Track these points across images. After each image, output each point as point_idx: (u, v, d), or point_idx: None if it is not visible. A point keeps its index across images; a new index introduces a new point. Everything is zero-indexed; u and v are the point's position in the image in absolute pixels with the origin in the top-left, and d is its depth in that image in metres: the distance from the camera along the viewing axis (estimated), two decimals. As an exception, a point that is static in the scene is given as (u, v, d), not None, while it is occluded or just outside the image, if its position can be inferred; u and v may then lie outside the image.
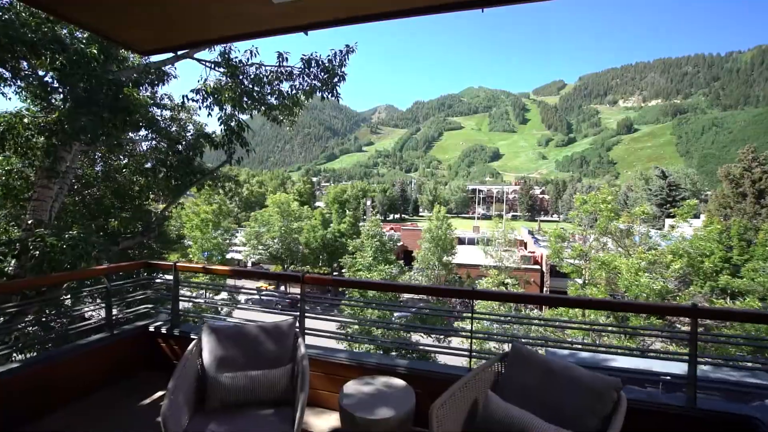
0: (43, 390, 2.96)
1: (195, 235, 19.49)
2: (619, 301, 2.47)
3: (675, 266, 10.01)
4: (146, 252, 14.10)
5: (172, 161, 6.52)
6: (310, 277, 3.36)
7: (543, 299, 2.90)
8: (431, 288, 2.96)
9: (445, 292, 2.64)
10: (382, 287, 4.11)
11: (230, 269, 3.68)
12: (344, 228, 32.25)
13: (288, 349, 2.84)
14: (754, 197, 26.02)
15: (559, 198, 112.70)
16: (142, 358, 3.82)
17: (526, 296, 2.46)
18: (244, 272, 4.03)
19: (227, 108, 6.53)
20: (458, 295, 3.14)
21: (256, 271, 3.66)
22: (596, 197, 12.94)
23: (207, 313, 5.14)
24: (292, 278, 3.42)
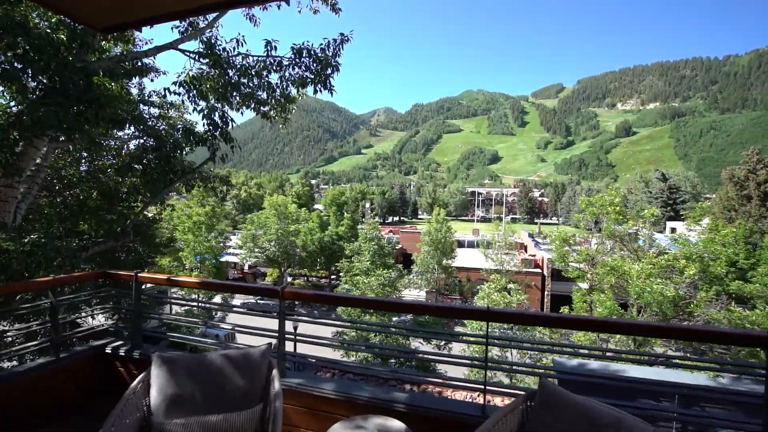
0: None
1: (187, 239, 18.89)
2: (676, 327, 1.97)
3: (689, 272, 9.48)
4: (132, 257, 13.51)
5: (148, 158, 5.95)
6: (290, 292, 2.81)
7: (581, 323, 2.33)
8: (436, 308, 2.42)
9: (453, 312, 2.21)
10: (377, 305, 3.45)
11: (199, 281, 3.12)
12: (342, 231, 31.68)
13: (259, 384, 2.29)
14: (759, 200, 25.56)
15: (558, 201, 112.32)
16: (95, 386, 3.26)
17: (558, 319, 2.01)
18: (215, 285, 3.52)
19: (211, 100, 5.97)
20: (470, 316, 2.60)
21: (229, 284, 3.10)
22: (603, 199, 12.43)
23: (179, 331, 4.42)
24: (269, 292, 2.87)
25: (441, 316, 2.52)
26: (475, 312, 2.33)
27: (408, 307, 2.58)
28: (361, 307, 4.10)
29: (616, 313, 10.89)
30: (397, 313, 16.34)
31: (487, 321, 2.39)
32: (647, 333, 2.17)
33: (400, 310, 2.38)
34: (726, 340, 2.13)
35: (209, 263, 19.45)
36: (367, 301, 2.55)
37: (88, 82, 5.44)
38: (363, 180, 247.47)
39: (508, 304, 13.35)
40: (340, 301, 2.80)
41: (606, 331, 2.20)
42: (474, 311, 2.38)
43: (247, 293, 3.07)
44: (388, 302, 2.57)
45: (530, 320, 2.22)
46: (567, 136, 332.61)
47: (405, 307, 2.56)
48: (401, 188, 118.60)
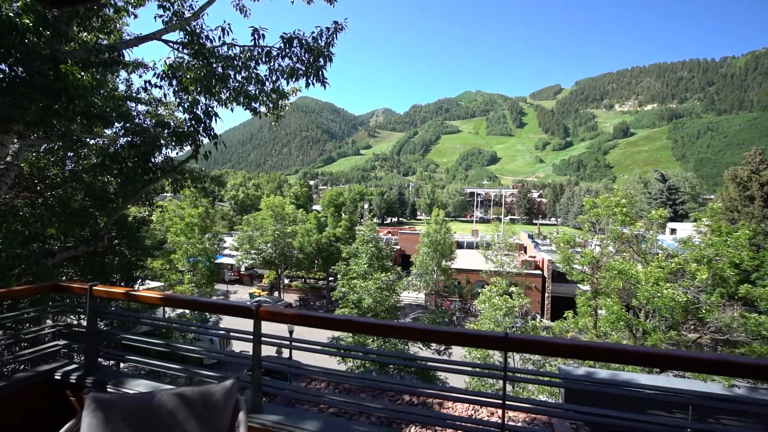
0: None
1: (180, 240, 18.37)
2: (740, 361, 1.56)
3: (702, 276, 9.05)
4: (118, 261, 12.98)
5: (124, 156, 5.47)
6: (266, 311, 2.34)
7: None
8: (438, 333, 1.98)
9: (465, 339, 1.79)
10: (370, 329, 2.55)
11: (161, 297, 2.64)
12: (340, 232, 31.18)
13: (222, 430, 1.83)
14: (762, 200, 25.21)
15: (556, 201, 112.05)
16: (42, 420, 2.78)
17: (597, 349, 1.61)
18: (181, 301, 2.99)
19: (193, 93, 5.49)
20: (483, 344, 2.13)
21: (195, 300, 2.62)
22: (608, 200, 11.99)
23: (150, 352, 3.73)
24: (242, 312, 2.41)
25: (446, 343, 2.12)
26: (490, 340, 1.86)
27: (407, 332, 2.12)
28: (351, 331, 3.41)
29: (623, 318, 10.45)
30: (397, 317, 15.89)
31: (505, 351, 1.93)
32: (702, 367, 1.72)
33: (397, 336, 1.97)
34: None
35: (202, 265, 18.93)
36: (358, 324, 2.09)
37: (56, 72, 4.97)
38: (362, 181, 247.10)
39: (510, 309, 12.90)
40: (325, 324, 2.33)
41: (648, 364, 1.79)
42: (489, 339, 1.90)
43: (218, 312, 2.60)
44: (384, 325, 2.10)
45: (561, 350, 1.75)
46: (565, 137, 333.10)
47: (403, 332, 2.10)
48: (400, 189, 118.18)
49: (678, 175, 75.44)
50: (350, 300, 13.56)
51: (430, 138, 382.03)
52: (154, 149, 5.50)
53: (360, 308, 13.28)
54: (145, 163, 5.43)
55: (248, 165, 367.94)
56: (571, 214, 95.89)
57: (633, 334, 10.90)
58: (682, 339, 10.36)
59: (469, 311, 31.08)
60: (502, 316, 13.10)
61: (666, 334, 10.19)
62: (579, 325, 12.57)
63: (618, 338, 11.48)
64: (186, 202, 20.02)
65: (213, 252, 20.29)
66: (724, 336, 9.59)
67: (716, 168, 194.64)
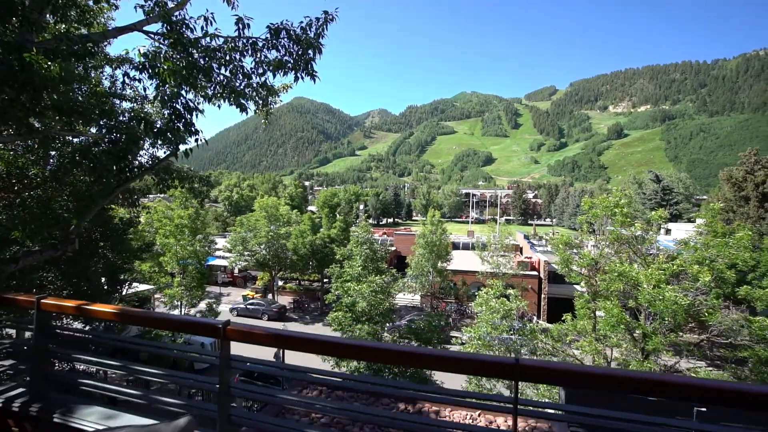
0: None
1: (169, 243, 17.89)
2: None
3: (705, 278, 8.81)
4: (102, 264, 12.52)
5: (96, 153, 5.08)
6: (234, 330, 1.99)
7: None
8: (443, 358, 1.66)
9: (468, 365, 1.56)
10: (356, 353, 2.14)
11: (116, 312, 2.28)
12: (334, 233, 30.78)
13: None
14: (757, 201, 25.20)
15: (551, 202, 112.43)
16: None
17: (625, 379, 1.38)
18: (139, 317, 2.59)
19: (173, 85, 5.12)
20: (490, 372, 1.75)
21: (154, 316, 2.26)
22: (607, 201, 11.74)
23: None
24: (207, 329, 2.06)
25: (445, 370, 1.84)
26: (498, 366, 1.52)
27: (398, 356, 1.79)
28: (335, 356, 3.05)
29: (623, 321, 10.20)
30: (391, 320, 15.53)
31: (516, 380, 1.60)
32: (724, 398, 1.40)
33: (385, 360, 1.68)
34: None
35: (193, 268, 18.45)
36: (343, 347, 1.76)
37: (21, 62, 4.58)
38: (357, 181, 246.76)
39: (508, 311, 12.61)
40: (304, 346, 1.98)
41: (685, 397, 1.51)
42: (496, 365, 1.55)
43: (179, 330, 2.25)
44: (371, 348, 1.77)
45: (589, 380, 1.43)
46: (560, 138, 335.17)
47: (393, 355, 1.76)
48: (395, 190, 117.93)
49: (672, 175, 75.87)
50: (344, 303, 13.20)
51: (426, 139, 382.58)
52: (129, 145, 5.11)
53: (354, 312, 12.92)
54: (121, 160, 5.03)
55: (243, 166, 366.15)
56: (566, 214, 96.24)
57: (633, 337, 10.65)
58: (683, 342, 10.14)
59: (465, 313, 30.81)
60: (500, 318, 12.81)
61: (667, 338, 9.95)
62: (577, 328, 12.31)
63: (617, 341, 11.25)
64: (176, 202, 19.53)
65: (204, 254, 19.83)
66: (727, 340, 9.37)
67: (709, 169, 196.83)
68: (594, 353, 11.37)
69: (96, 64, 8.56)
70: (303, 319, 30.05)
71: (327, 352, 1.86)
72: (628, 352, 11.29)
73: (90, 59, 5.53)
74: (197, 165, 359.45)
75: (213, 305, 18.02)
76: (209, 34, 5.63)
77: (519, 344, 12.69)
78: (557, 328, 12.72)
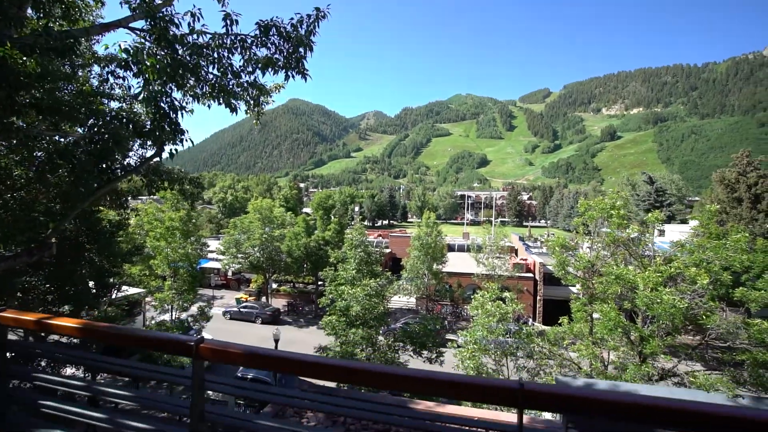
0: None
1: (160, 245, 17.54)
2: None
3: (702, 281, 8.72)
4: (89, 268, 12.19)
5: (77, 154, 4.84)
6: (209, 348, 1.80)
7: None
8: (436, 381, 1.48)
9: (467, 390, 1.45)
10: (342, 374, 1.72)
11: (80, 326, 2.07)
12: (329, 235, 30.52)
13: None
14: (750, 202, 25.37)
15: (546, 204, 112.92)
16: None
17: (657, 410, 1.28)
18: (107, 332, 2.34)
19: (156, 82, 4.91)
20: (490, 398, 1.55)
21: (123, 332, 2.06)
22: (604, 202, 11.66)
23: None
24: (178, 347, 1.87)
25: (439, 395, 1.71)
26: (500, 392, 1.34)
27: (390, 379, 1.60)
28: (320, 378, 2.65)
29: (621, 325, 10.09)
30: (386, 324, 15.33)
31: (520, 408, 1.43)
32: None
33: (373, 384, 1.50)
34: None
35: (184, 271, 18.12)
36: (329, 368, 1.57)
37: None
38: (352, 183, 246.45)
39: (504, 315, 12.45)
40: (284, 365, 1.78)
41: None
42: (497, 390, 1.37)
43: (147, 347, 2.05)
44: (359, 370, 1.58)
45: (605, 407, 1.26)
46: (554, 140, 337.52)
47: (384, 378, 1.58)
48: (391, 191, 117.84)
49: (665, 177, 76.57)
50: (338, 307, 12.98)
51: (421, 141, 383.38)
52: (112, 146, 4.88)
53: (348, 316, 12.71)
54: (102, 161, 4.80)
55: (238, 167, 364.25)
56: (561, 216, 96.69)
57: (630, 340, 10.55)
58: (681, 346, 10.06)
59: (460, 315, 30.67)
60: (496, 322, 12.65)
61: (664, 341, 9.85)
62: (574, 331, 12.19)
63: (615, 345, 11.14)
64: (167, 204, 19.19)
65: (195, 257, 19.49)
66: (725, 343, 9.29)
67: (700, 170, 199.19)
68: (591, 357, 11.24)
69: (84, 62, 8.33)
70: (297, 322, 29.73)
71: (309, 373, 1.67)
72: (626, 355, 11.19)
73: (72, 56, 5.28)
74: (191, 166, 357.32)
75: (205, 309, 17.68)
76: (196, 30, 5.43)
77: (515, 347, 12.54)
78: (554, 331, 12.60)
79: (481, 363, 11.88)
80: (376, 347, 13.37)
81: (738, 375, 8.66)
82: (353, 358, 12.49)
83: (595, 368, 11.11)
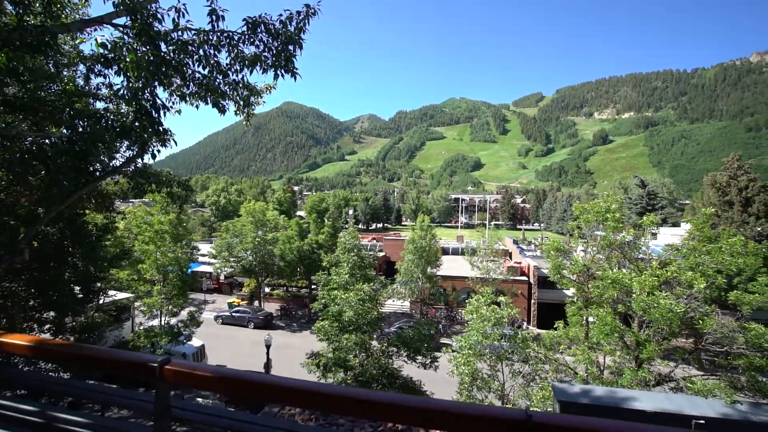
0: None
1: (149, 249, 17.16)
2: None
3: (699, 285, 8.64)
4: (74, 272, 11.81)
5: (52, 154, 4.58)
6: (173, 371, 1.59)
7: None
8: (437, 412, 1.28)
9: (464, 422, 1.36)
10: (324, 401, 1.42)
11: (32, 344, 1.84)
12: (322, 239, 30.23)
13: None
14: (740, 205, 25.59)
15: (539, 207, 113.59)
16: None
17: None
18: (55, 351, 2.01)
19: (137, 79, 4.68)
20: (490, 429, 1.37)
21: (78, 351, 1.84)
22: (599, 206, 11.59)
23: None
24: (139, 369, 1.65)
25: (435, 427, 1.55)
26: (506, 425, 1.14)
27: (375, 407, 1.40)
28: (301, 407, 2.51)
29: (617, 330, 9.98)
30: (380, 328, 15.07)
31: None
32: None
33: (360, 414, 1.33)
34: None
35: (173, 275, 17.72)
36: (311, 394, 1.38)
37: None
38: (347, 186, 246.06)
39: (499, 319, 12.30)
40: (260, 390, 1.57)
41: None
42: (503, 423, 1.16)
43: (105, 368, 1.82)
44: (344, 396, 1.38)
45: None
46: (547, 144, 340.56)
47: (368, 407, 1.38)
48: (385, 195, 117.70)
49: (656, 180, 77.40)
50: (330, 312, 12.73)
51: (415, 144, 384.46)
52: (89, 146, 4.63)
53: (340, 321, 12.45)
54: (79, 161, 4.55)
55: (231, 170, 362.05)
56: (554, 219, 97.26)
57: (626, 345, 10.44)
58: (678, 350, 9.96)
59: (455, 319, 30.50)
60: (491, 326, 12.49)
61: (661, 345, 9.75)
62: (570, 336, 12.07)
63: (610, 349, 11.02)
64: (156, 208, 18.81)
65: (186, 261, 19.10)
66: (722, 348, 9.21)
67: (690, 174, 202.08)
68: (587, 362, 11.11)
69: (69, 62, 8.06)
70: (290, 326, 29.34)
71: (288, 400, 1.47)
72: (622, 359, 11.08)
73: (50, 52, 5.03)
74: (184, 169, 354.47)
75: (195, 314, 17.28)
76: (180, 27, 5.21)
77: (510, 352, 12.39)
78: (549, 336, 12.46)
79: (476, 369, 11.70)
80: (369, 353, 13.11)
81: (735, 380, 8.57)
82: (346, 364, 12.24)
83: (591, 373, 10.98)
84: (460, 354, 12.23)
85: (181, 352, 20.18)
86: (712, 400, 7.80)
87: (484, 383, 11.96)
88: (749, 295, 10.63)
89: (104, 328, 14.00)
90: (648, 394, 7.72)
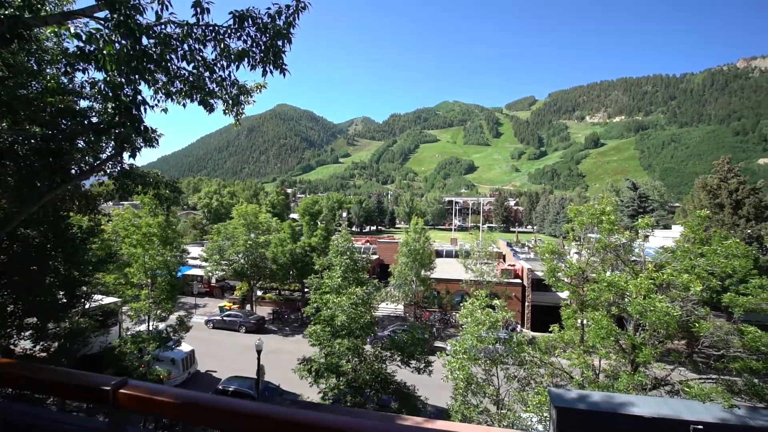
0: None
1: (136, 252, 16.74)
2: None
3: (696, 288, 8.57)
4: (56, 276, 11.40)
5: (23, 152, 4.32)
6: (129, 396, 1.37)
7: None
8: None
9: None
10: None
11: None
12: (315, 242, 29.92)
13: None
14: (731, 208, 25.85)
15: (532, 209, 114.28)
16: None
17: None
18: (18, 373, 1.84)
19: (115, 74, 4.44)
20: None
21: (11, 371, 1.60)
22: (594, 208, 11.52)
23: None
24: (89, 394, 1.43)
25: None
26: None
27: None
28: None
29: (613, 333, 9.88)
30: (373, 333, 14.83)
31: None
32: None
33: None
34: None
35: (162, 279, 17.30)
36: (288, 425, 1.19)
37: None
38: (340, 189, 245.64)
39: (494, 323, 12.15)
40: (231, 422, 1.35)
41: None
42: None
43: (48, 392, 1.59)
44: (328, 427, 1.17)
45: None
46: (540, 147, 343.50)
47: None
48: (379, 197, 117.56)
49: (647, 183, 78.25)
50: (323, 316, 12.47)
51: (409, 147, 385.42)
52: (63, 143, 4.38)
53: (333, 326, 12.20)
54: (53, 160, 4.29)
55: (224, 172, 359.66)
56: (547, 221, 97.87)
57: (622, 348, 10.34)
58: (675, 353, 9.88)
59: (449, 322, 30.34)
60: (486, 330, 12.33)
61: (656, 349, 9.66)
62: (565, 339, 11.95)
63: (606, 353, 10.92)
64: (144, 210, 18.39)
65: (175, 264, 18.68)
66: (719, 351, 9.15)
67: (680, 177, 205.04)
68: (583, 366, 10.99)
69: (52, 59, 7.77)
70: (282, 330, 28.94)
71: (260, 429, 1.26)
72: (617, 363, 10.98)
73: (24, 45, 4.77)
74: (176, 171, 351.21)
75: (184, 318, 16.87)
76: (163, 20, 4.98)
77: (505, 356, 12.23)
78: (544, 340, 12.33)
79: (470, 373, 11.51)
80: (362, 358, 12.87)
81: (732, 384, 8.49)
82: (338, 369, 11.97)
83: (586, 377, 10.86)
84: (455, 358, 12.04)
85: (170, 357, 19.69)
86: (710, 404, 7.70)
87: (479, 388, 11.77)
88: (742, 297, 10.60)
89: (90, 334, 13.58)
90: (645, 399, 7.60)
